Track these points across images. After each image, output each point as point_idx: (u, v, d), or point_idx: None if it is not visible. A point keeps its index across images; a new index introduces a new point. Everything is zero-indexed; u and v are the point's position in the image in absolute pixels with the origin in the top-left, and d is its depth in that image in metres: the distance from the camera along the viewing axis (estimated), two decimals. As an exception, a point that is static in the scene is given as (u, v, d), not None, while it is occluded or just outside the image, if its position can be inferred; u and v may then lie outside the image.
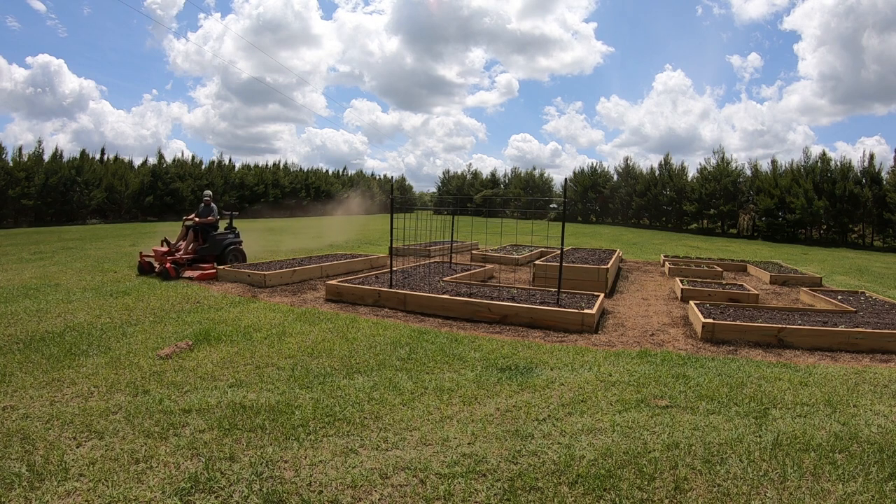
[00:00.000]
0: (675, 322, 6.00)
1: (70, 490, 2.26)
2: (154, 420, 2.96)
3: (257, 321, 5.39)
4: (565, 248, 7.93)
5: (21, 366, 3.81)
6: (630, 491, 2.35)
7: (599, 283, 7.80)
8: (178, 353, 4.19)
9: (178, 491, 2.27)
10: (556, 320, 5.52)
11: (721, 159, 30.04)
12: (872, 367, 4.40)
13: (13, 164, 23.16)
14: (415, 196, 43.93)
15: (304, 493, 2.28)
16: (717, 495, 2.33)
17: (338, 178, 43.78)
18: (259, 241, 14.99)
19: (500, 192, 42.32)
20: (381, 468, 2.50)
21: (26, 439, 2.70)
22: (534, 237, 13.67)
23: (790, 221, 25.76)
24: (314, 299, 6.76)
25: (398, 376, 3.81)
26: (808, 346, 4.96)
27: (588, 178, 36.94)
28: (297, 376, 3.76)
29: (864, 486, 2.41)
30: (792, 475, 2.50)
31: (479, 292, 6.62)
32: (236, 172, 35.11)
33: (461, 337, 5.04)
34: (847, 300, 7.09)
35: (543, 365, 4.21)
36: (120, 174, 27.47)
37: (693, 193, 30.28)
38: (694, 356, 4.58)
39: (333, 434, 2.86)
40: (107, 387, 3.46)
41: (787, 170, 27.34)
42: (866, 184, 24.34)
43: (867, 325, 5.39)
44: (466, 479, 2.42)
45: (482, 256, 11.41)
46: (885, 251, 21.96)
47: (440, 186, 46.79)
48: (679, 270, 9.99)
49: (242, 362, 4.06)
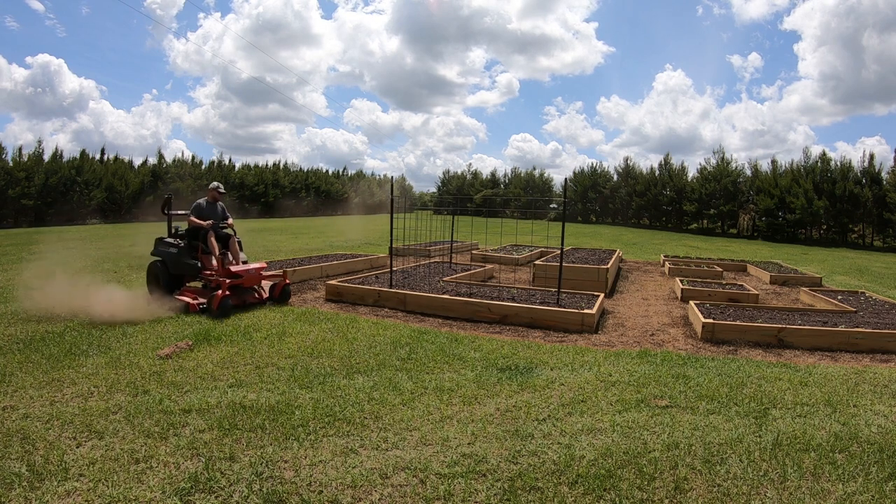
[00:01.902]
0: (675, 322, 6.00)
1: (70, 490, 2.26)
2: (154, 420, 2.96)
3: (257, 321, 5.39)
4: (565, 248, 7.95)
5: (21, 366, 3.81)
6: (630, 491, 2.35)
7: (599, 283, 7.80)
8: (178, 353, 4.19)
9: (178, 491, 2.27)
10: (556, 320, 5.51)
11: (721, 159, 30.08)
12: (872, 367, 4.40)
13: (13, 164, 23.20)
14: (414, 196, 43.88)
15: (304, 493, 2.28)
16: (717, 495, 2.33)
17: (338, 178, 43.78)
18: (259, 241, 15.00)
19: (500, 192, 42.33)
20: (381, 468, 2.50)
21: (26, 439, 2.70)
22: (534, 237, 13.67)
23: (790, 221, 25.77)
24: (314, 299, 6.76)
25: (398, 376, 3.81)
26: (808, 346, 4.96)
27: (588, 178, 36.94)
28: (297, 376, 3.76)
29: (864, 486, 2.41)
30: (792, 475, 2.50)
31: (479, 292, 6.62)
32: (236, 172, 35.13)
33: (461, 337, 5.04)
34: (847, 300, 7.08)
35: (543, 365, 4.21)
36: (120, 174, 27.49)
37: (693, 193, 30.28)
38: (694, 356, 4.58)
39: (333, 434, 2.86)
40: (107, 387, 3.46)
41: (787, 170, 27.37)
42: (866, 184, 24.35)
43: (867, 325, 5.38)
44: (466, 479, 2.42)
45: (482, 256, 11.41)
46: (885, 251, 21.96)
47: (440, 186, 46.79)
48: (679, 270, 9.99)
49: (242, 362, 4.05)
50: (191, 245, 6.30)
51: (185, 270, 6.17)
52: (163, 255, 6.35)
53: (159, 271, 6.35)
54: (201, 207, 6.40)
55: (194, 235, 6.32)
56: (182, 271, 6.21)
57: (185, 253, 6.19)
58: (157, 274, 6.42)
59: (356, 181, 45.40)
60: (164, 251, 6.34)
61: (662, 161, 33.86)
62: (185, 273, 6.21)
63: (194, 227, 6.30)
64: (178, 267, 6.19)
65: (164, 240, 6.47)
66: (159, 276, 6.35)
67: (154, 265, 6.48)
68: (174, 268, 6.22)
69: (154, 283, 6.44)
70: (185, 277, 6.37)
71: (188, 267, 6.13)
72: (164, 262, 6.30)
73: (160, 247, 6.43)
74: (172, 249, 6.23)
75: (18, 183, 22.61)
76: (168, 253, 6.26)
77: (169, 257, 6.24)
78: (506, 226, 17.13)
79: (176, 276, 6.30)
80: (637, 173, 34.90)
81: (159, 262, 6.39)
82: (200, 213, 6.34)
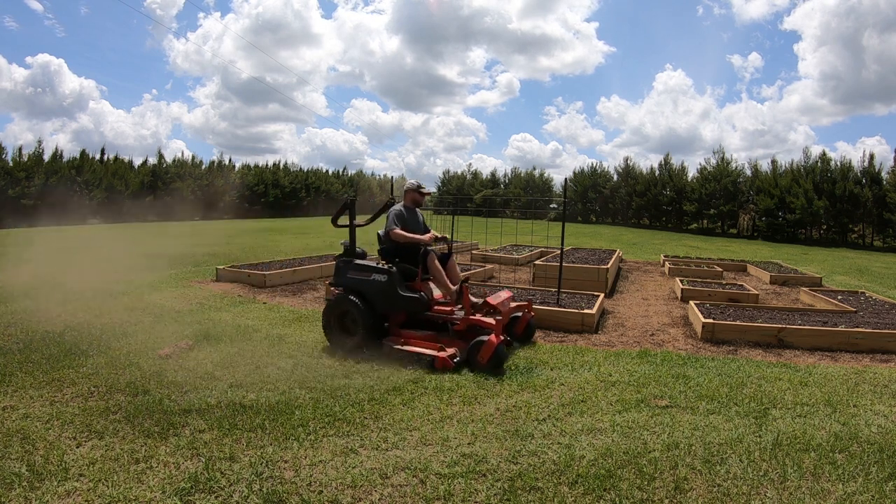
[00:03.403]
0: (675, 322, 6.00)
1: (70, 490, 2.26)
2: (154, 420, 2.96)
3: (257, 321, 5.39)
4: (565, 248, 7.95)
5: (21, 366, 3.81)
6: (630, 491, 2.35)
7: (599, 283, 7.80)
8: (178, 353, 4.19)
9: (178, 491, 2.27)
10: (556, 320, 5.52)
11: (721, 159, 30.05)
12: (872, 367, 4.40)
13: (13, 164, 23.20)
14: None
15: (304, 493, 2.28)
16: (717, 495, 2.33)
17: (338, 178, 43.78)
18: (259, 241, 15.01)
19: (500, 192, 42.31)
20: (381, 468, 2.50)
21: (26, 439, 2.70)
22: (534, 237, 13.68)
23: (790, 221, 25.76)
24: (314, 299, 6.76)
25: (398, 376, 3.81)
26: (808, 346, 4.96)
27: (588, 178, 36.91)
28: (297, 376, 3.76)
29: (864, 486, 2.41)
30: (792, 475, 2.50)
31: (478, 292, 6.61)
32: (236, 172, 35.13)
33: (461, 337, 5.03)
34: (847, 300, 7.08)
35: (543, 365, 4.21)
36: (120, 174, 27.49)
37: (693, 193, 30.27)
38: (694, 356, 4.58)
39: (333, 434, 2.86)
40: (107, 387, 3.46)
41: (787, 170, 27.35)
42: (866, 184, 24.34)
43: (867, 325, 5.38)
44: (466, 479, 2.42)
45: (482, 256, 11.42)
46: (885, 251, 21.96)
47: (440, 186, 46.75)
48: (679, 270, 9.99)
49: (242, 362, 4.05)
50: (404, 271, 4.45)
51: (402, 307, 4.36)
52: (360, 286, 4.39)
53: (356, 310, 4.33)
54: (404, 216, 4.69)
55: (403, 255, 4.58)
56: (395, 308, 4.39)
57: (399, 281, 4.34)
58: (345, 314, 4.44)
59: (356, 181, 45.37)
60: (363, 280, 4.39)
61: (662, 161, 33.85)
62: (401, 310, 4.42)
63: (406, 244, 4.55)
64: (390, 303, 4.34)
65: (355, 263, 4.50)
66: (357, 317, 4.35)
67: (341, 302, 4.42)
68: (385, 304, 4.35)
69: (339, 328, 4.47)
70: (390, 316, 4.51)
71: (407, 302, 4.31)
72: (363, 297, 4.37)
73: (351, 273, 4.47)
74: (380, 277, 4.34)
75: (18, 183, 22.61)
76: (372, 283, 4.36)
77: (375, 289, 4.34)
78: (506, 226, 17.12)
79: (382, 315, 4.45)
80: (637, 173, 34.88)
81: (351, 296, 4.38)
82: (405, 224, 4.65)
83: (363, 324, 4.31)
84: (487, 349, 3.87)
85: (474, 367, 3.94)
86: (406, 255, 4.55)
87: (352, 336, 4.37)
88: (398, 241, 4.55)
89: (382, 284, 4.32)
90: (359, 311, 4.32)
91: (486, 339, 3.90)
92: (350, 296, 4.37)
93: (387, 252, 4.65)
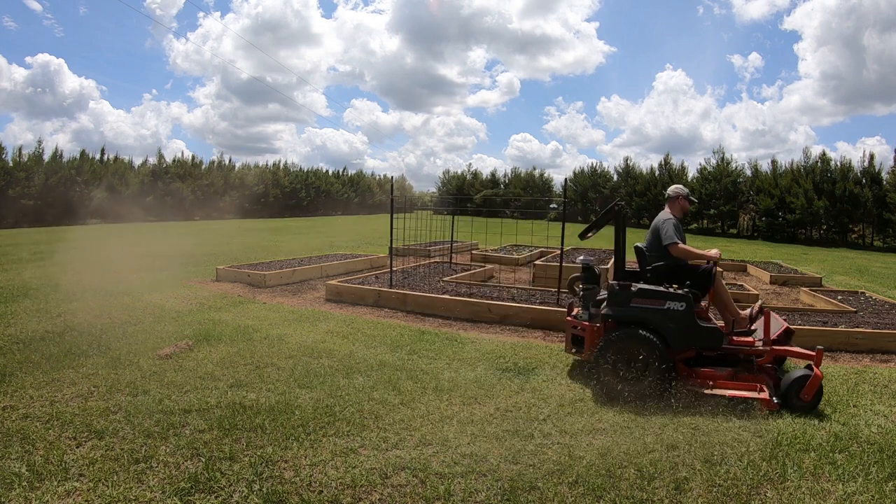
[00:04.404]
0: (675, 322, 5.99)
1: (70, 490, 2.26)
2: (154, 420, 2.96)
3: (257, 321, 5.39)
4: (565, 248, 7.92)
5: (21, 366, 3.81)
6: (630, 491, 2.35)
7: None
8: (178, 353, 4.19)
9: (178, 491, 2.27)
10: (556, 320, 5.51)
11: (721, 159, 30.05)
12: (872, 367, 4.40)
13: (13, 163, 23.16)
14: (414, 196, 43.82)
15: (304, 493, 2.28)
16: (717, 495, 2.33)
17: (338, 178, 43.77)
18: (259, 241, 15.01)
19: (500, 192, 42.31)
20: (381, 468, 2.50)
21: (26, 439, 2.70)
22: (534, 237, 13.66)
23: (790, 221, 25.76)
24: (314, 299, 6.76)
25: (398, 376, 3.81)
26: (808, 346, 4.95)
27: (588, 178, 36.92)
28: (297, 376, 3.76)
29: (863, 486, 2.41)
30: (792, 475, 2.50)
31: (479, 292, 6.62)
32: (236, 172, 35.13)
33: (461, 337, 5.04)
34: (847, 300, 7.08)
35: (543, 365, 4.21)
36: (120, 174, 27.48)
37: (693, 193, 30.24)
38: (694, 356, 4.58)
39: (333, 434, 2.86)
40: (107, 387, 3.46)
41: (787, 170, 27.33)
42: (866, 184, 24.33)
43: (867, 325, 5.39)
44: (466, 479, 2.42)
45: (482, 256, 11.41)
46: (885, 251, 21.96)
47: (440, 186, 46.76)
48: (679, 270, 9.97)
49: (242, 362, 4.06)
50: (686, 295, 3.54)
51: (699, 341, 3.55)
52: (650, 316, 3.51)
53: (649, 348, 3.44)
54: (679, 228, 3.93)
55: (678, 276, 3.82)
56: (692, 343, 3.56)
57: (692, 311, 3.52)
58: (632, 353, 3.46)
59: (356, 181, 45.34)
60: (656, 309, 3.51)
61: (662, 161, 33.86)
62: (698, 345, 3.59)
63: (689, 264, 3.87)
64: (688, 337, 3.51)
65: (641, 288, 3.59)
66: (650, 357, 3.43)
67: (629, 338, 3.49)
68: (682, 339, 3.51)
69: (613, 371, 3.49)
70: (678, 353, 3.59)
71: (706, 335, 3.52)
72: (656, 331, 3.48)
73: (637, 300, 3.56)
74: (677, 305, 3.49)
75: (18, 183, 22.59)
76: (667, 313, 3.49)
77: (670, 320, 3.48)
78: (506, 226, 17.10)
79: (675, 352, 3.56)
80: (637, 173, 34.88)
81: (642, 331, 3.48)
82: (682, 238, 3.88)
83: (659, 365, 3.42)
84: (812, 385, 3.28)
85: (792, 407, 3.29)
86: (684, 275, 3.76)
87: (638, 380, 3.43)
88: (682, 258, 3.85)
89: (679, 314, 3.47)
90: (653, 350, 3.43)
91: (812, 374, 3.29)
92: (640, 330, 3.48)
93: (658, 272, 3.83)
